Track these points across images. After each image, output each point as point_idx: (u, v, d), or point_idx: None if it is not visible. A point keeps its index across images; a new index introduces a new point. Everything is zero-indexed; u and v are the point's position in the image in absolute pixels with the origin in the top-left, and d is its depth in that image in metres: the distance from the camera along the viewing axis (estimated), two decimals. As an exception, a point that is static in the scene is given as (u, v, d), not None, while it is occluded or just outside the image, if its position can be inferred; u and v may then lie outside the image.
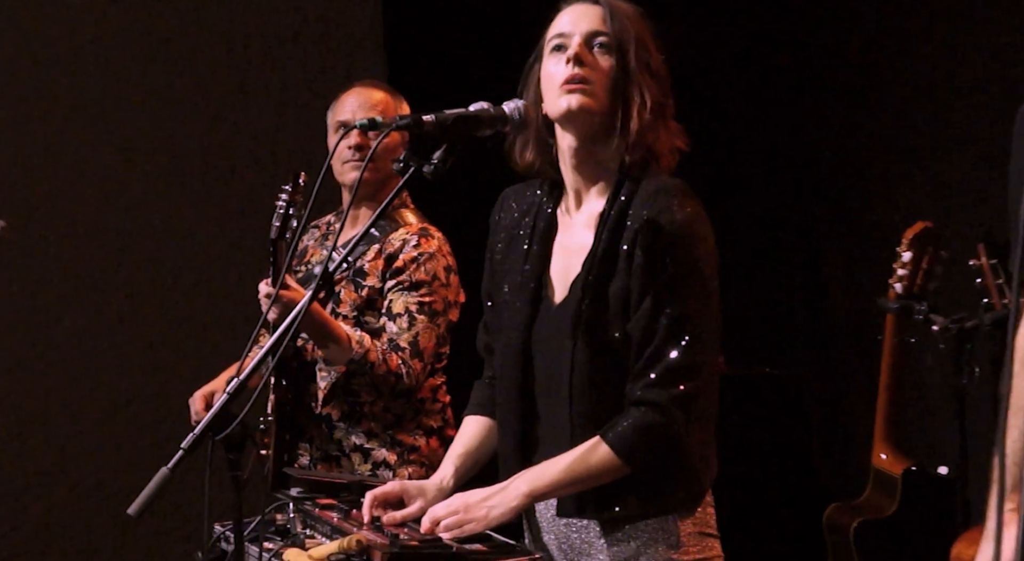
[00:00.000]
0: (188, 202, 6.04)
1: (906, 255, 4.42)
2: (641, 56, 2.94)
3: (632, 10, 3.01)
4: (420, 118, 2.86)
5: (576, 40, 2.95)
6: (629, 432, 2.88)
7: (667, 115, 2.99)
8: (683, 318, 2.88)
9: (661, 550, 2.95)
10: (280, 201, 3.88)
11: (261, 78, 6.24)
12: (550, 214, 3.10)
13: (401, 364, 3.86)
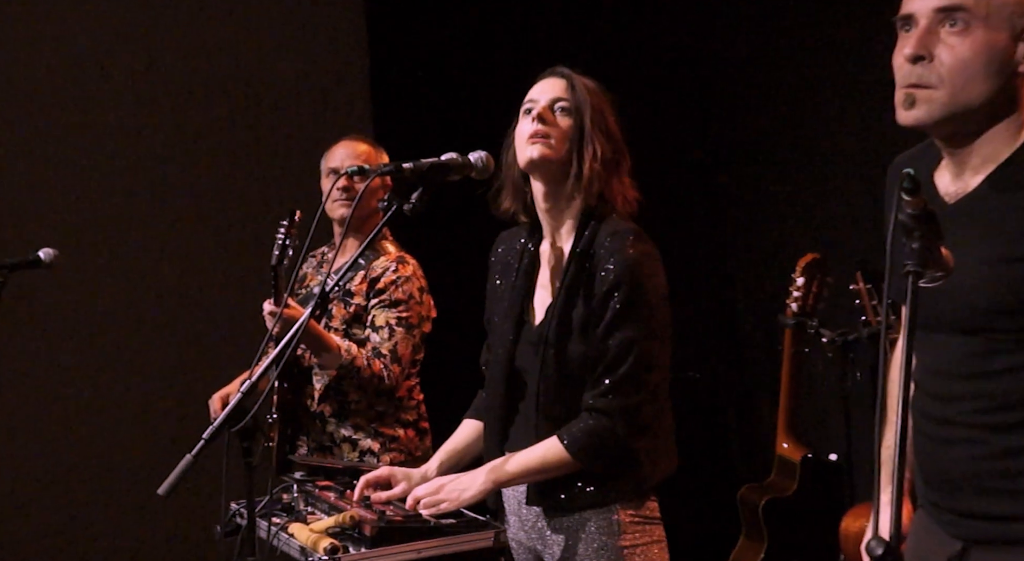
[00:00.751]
0: (208, 237, 6.08)
1: (799, 280, 4.47)
2: (595, 119, 2.97)
3: (592, 84, 3.05)
4: (400, 165, 2.89)
5: (542, 104, 2.99)
6: (581, 434, 2.90)
7: (619, 169, 3.02)
8: (630, 341, 2.90)
9: (603, 536, 2.96)
10: (279, 234, 3.89)
11: (270, 130, 6.25)
12: (532, 252, 3.13)
13: (383, 368, 3.87)
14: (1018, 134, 2.26)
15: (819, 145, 5.09)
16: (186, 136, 6.08)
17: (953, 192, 2.33)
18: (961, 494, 2.33)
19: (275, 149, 6.24)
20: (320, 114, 6.28)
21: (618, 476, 2.97)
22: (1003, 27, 2.21)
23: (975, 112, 2.24)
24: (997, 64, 2.21)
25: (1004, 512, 2.26)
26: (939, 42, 2.24)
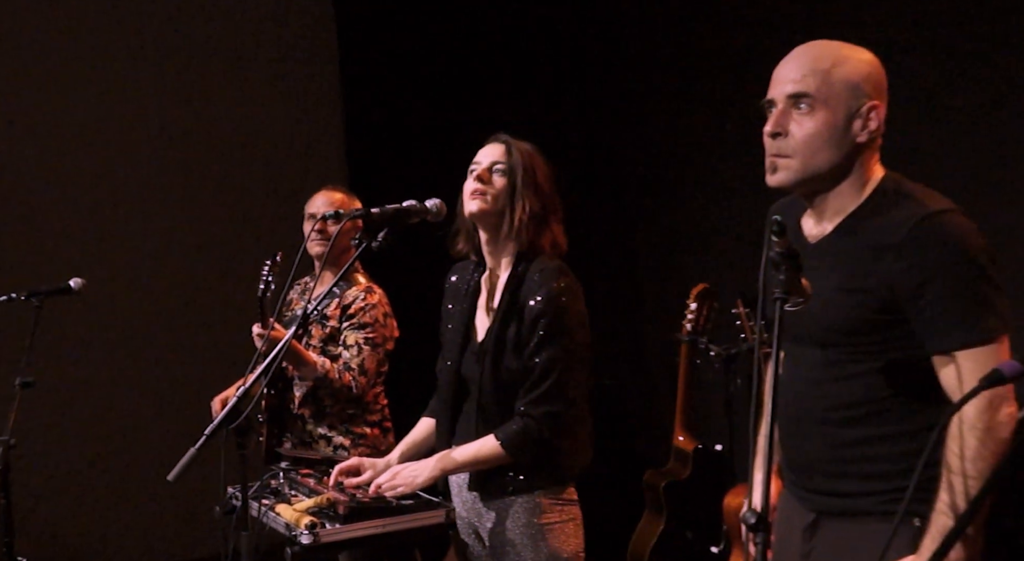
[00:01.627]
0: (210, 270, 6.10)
1: (693, 305, 4.49)
2: (526, 179, 2.98)
3: (529, 147, 3.05)
4: (369, 210, 2.91)
5: (483, 165, 3.01)
6: (513, 434, 2.92)
7: (548, 219, 3.02)
8: (554, 359, 2.92)
9: (528, 515, 2.97)
10: (264, 271, 3.89)
11: (262, 181, 6.27)
12: (477, 282, 3.15)
13: (351, 380, 3.86)
14: (862, 191, 2.30)
15: (712, 193, 5.12)
16: (191, 187, 6.09)
17: (814, 234, 2.37)
18: (813, 475, 2.36)
19: (265, 196, 6.25)
20: (302, 167, 6.29)
21: (542, 467, 2.98)
22: (841, 108, 2.25)
23: (823, 175, 2.29)
24: (838, 138, 2.26)
25: (846, 490, 2.30)
26: (792, 121, 2.29)
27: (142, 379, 5.91)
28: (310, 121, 6.39)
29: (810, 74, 2.27)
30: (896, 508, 2.06)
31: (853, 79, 2.26)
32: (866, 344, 2.24)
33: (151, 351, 5.93)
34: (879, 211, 2.26)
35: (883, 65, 2.31)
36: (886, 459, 2.24)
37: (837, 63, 2.27)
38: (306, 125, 6.38)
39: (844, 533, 2.31)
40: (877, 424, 2.25)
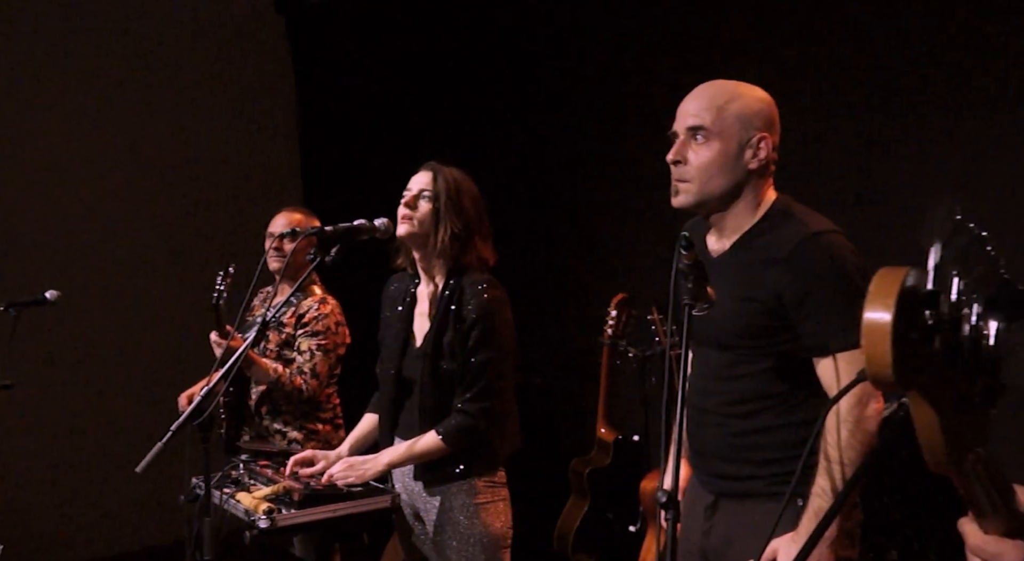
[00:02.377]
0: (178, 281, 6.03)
1: (613, 312, 4.51)
2: (449, 204, 3.00)
3: (454, 174, 3.07)
4: (323, 228, 2.93)
5: (412, 192, 3.04)
6: (452, 429, 2.97)
7: (472, 239, 3.04)
8: (486, 361, 2.97)
9: (464, 496, 3.02)
10: (217, 281, 3.88)
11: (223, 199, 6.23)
12: (414, 292, 3.17)
13: (303, 383, 3.83)
14: (756, 211, 2.36)
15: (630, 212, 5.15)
16: (159, 205, 6.05)
17: (716, 249, 2.42)
18: (713, 461, 2.42)
19: (227, 215, 6.23)
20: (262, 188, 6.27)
21: (478, 456, 3.03)
22: (733, 140, 2.32)
23: (718, 198, 2.35)
24: (730, 165, 2.32)
25: (741, 474, 2.36)
26: (690, 150, 2.35)
27: (111, 380, 5.85)
28: (269, 146, 6.38)
29: (706, 109, 2.33)
30: (783, 490, 2.13)
31: (745, 114, 2.32)
32: (758, 346, 2.30)
33: (119, 354, 5.88)
34: (770, 230, 2.32)
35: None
36: (774, 447, 2.30)
37: (731, 100, 2.34)
38: (266, 149, 6.37)
39: (739, 512, 2.37)
40: (767, 417, 2.31)
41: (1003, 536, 0.93)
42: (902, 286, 0.78)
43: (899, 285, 0.77)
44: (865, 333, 0.77)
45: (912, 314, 0.77)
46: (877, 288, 0.78)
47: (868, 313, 0.77)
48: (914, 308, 0.77)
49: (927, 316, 0.77)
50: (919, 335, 0.77)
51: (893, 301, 0.77)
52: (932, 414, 0.81)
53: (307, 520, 2.97)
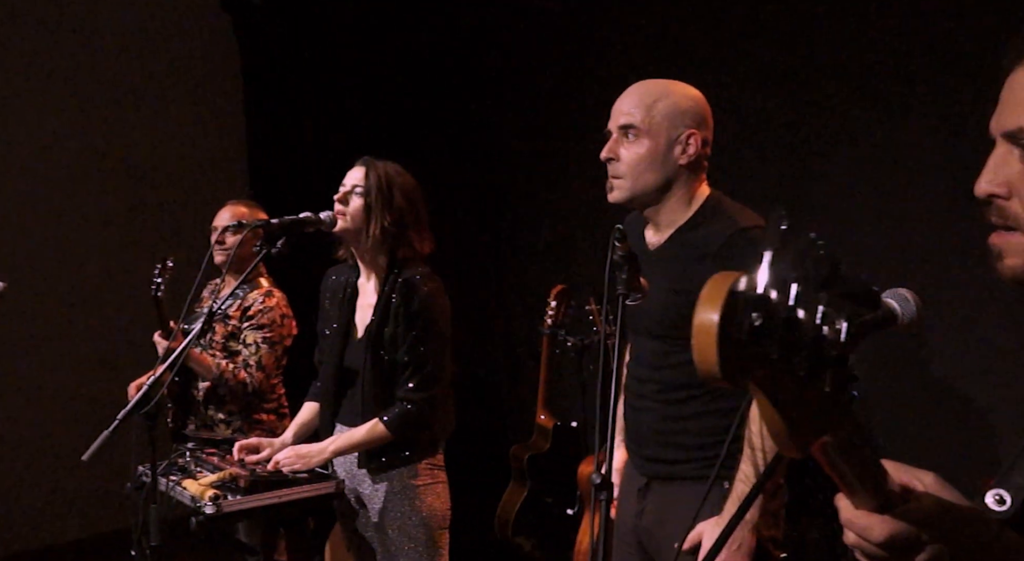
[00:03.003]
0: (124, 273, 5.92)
1: (553, 303, 4.52)
2: (380, 199, 3.01)
3: (387, 169, 3.07)
4: (268, 221, 2.94)
5: (346, 188, 3.06)
6: (396, 417, 2.99)
7: (405, 233, 3.04)
8: (427, 352, 3.00)
9: (405, 479, 3.04)
10: (156, 274, 3.86)
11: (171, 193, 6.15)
12: (354, 284, 3.18)
13: (247, 376, 3.80)
14: (689, 207, 2.40)
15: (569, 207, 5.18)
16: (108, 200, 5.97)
17: (654, 242, 2.46)
18: (646, 445, 2.46)
19: (174, 208, 6.14)
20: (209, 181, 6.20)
21: (420, 441, 3.06)
22: (662, 137, 2.36)
23: (651, 193, 2.39)
24: (660, 161, 2.36)
25: (672, 458, 2.40)
26: (623, 148, 2.38)
27: (58, 368, 5.76)
28: (216, 140, 6.31)
29: (636, 108, 2.37)
30: (707, 473, 2.17)
31: (674, 111, 2.36)
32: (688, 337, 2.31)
33: (66, 343, 5.80)
34: (702, 225, 2.36)
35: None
36: (703, 433, 2.34)
37: (660, 98, 2.37)
38: (212, 143, 6.30)
39: (669, 494, 2.41)
40: (696, 404, 2.35)
41: (873, 511, 0.97)
42: (731, 290, 0.81)
43: (727, 289, 0.81)
44: (694, 334, 0.81)
45: (740, 316, 0.81)
46: (707, 292, 0.82)
47: (697, 315, 0.81)
48: (742, 311, 0.81)
49: (754, 318, 0.80)
50: (748, 335, 0.81)
51: (720, 304, 0.80)
52: (771, 406, 0.85)
53: (253, 506, 2.97)
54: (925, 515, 0.97)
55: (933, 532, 0.97)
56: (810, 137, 3.94)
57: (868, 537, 0.98)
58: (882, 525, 0.97)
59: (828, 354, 0.84)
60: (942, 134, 3.37)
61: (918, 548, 0.97)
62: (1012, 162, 1.16)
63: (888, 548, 0.97)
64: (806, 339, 0.83)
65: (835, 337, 0.84)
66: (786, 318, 0.82)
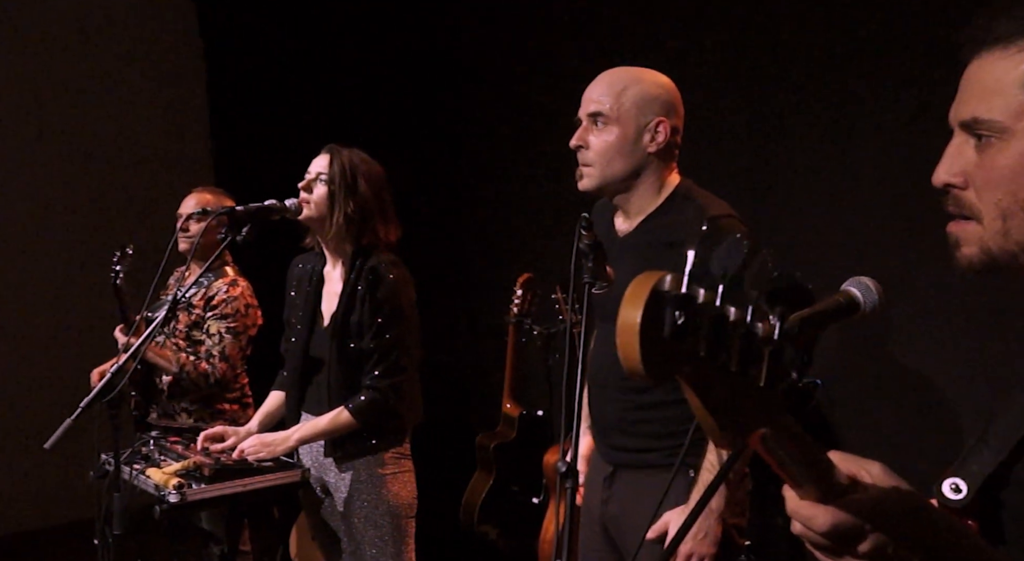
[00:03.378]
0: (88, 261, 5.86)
1: (519, 291, 4.51)
2: (344, 187, 2.99)
3: (352, 156, 3.05)
4: (234, 208, 2.92)
5: (310, 176, 3.04)
6: (362, 405, 2.98)
7: (370, 221, 3.02)
8: (393, 340, 2.99)
9: (372, 467, 3.04)
10: (114, 261, 3.80)
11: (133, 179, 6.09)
12: (320, 272, 3.17)
13: (208, 367, 3.75)
14: (658, 194, 2.41)
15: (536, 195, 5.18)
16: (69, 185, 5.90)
17: (623, 230, 2.47)
18: (612, 433, 2.48)
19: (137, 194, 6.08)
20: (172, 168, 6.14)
21: (386, 429, 3.05)
22: (631, 124, 2.36)
23: (620, 180, 2.39)
24: (629, 149, 2.37)
25: (637, 446, 2.42)
26: (591, 135, 2.39)
27: (22, 357, 5.71)
28: (181, 127, 6.24)
29: (605, 96, 2.37)
30: (673, 461, 2.19)
31: (642, 99, 2.37)
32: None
33: (28, 331, 5.74)
34: (671, 213, 2.37)
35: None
36: (668, 421, 2.35)
37: (629, 85, 2.38)
38: (177, 130, 6.23)
39: (635, 482, 2.43)
40: (661, 392, 2.36)
41: (817, 501, 0.99)
42: (653, 290, 0.84)
43: (650, 289, 0.84)
44: (618, 333, 0.84)
45: (663, 315, 0.84)
46: (631, 291, 0.85)
47: (620, 314, 0.84)
48: (664, 309, 0.84)
49: (676, 316, 0.83)
50: (671, 333, 0.83)
51: (643, 303, 0.83)
52: (699, 401, 0.88)
53: (217, 494, 2.97)
54: (869, 505, 0.99)
55: (876, 522, 0.99)
56: (772, 126, 3.96)
57: (812, 527, 1.00)
58: (826, 515, 0.99)
59: (760, 349, 0.87)
60: (905, 122, 3.39)
61: (862, 537, 0.99)
62: (967, 151, 1.18)
63: (832, 537, 0.99)
64: (736, 335, 0.86)
65: (768, 333, 0.87)
66: (714, 315, 0.85)
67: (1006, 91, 1.14)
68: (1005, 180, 1.14)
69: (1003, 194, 1.14)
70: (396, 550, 3.05)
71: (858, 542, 1.00)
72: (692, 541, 2.22)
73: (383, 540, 3.03)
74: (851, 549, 1.00)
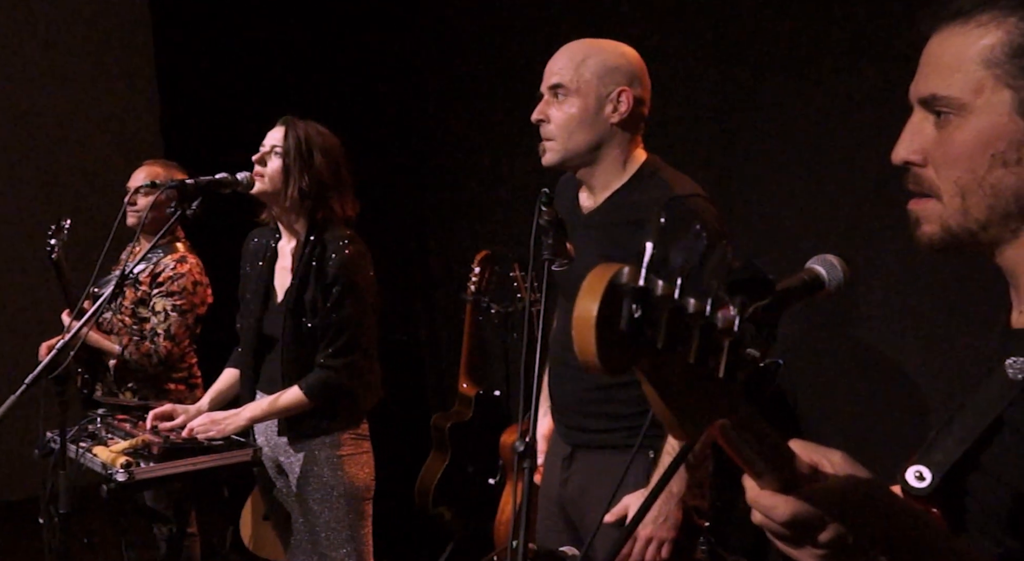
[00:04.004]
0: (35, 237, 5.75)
1: (476, 269, 4.48)
2: (298, 161, 2.94)
3: (308, 129, 3.00)
4: (184, 181, 2.87)
5: (264, 149, 3.00)
6: (316, 383, 2.95)
7: (325, 194, 2.98)
8: (348, 317, 2.95)
9: (328, 448, 3.01)
10: (49, 235, 3.71)
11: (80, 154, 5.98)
12: (275, 247, 3.12)
13: (152, 347, 3.68)
14: (623, 170, 2.38)
15: (494, 171, 5.16)
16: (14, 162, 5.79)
17: (587, 206, 2.44)
18: (571, 414, 2.46)
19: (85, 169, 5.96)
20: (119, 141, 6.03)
21: (342, 409, 3.02)
22: (591, 95, 2.33)
23: (583, 153, 2.36)
24: (590, 120, 2.33)
25: (597, 427, 2.40)
26: (552, 108, 2.36)
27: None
28: (128, 97, 6.13)
29: (565, 68, 2.35)
30: (632, 442, 2.18)
31: (603, 69, 2.34)
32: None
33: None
34: (637, 190, 2.35)
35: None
36: (627, 403, 2.33)
37: (589, 56, 2.35)
38: (124, 101, 6.12)
39: (594, 463, 2.42)
40: None
41: (777, 491, 1.00)
42: (611, 282, 0.84)
43: (607, 282, 0.84)
44: (574, 326, 0.84)
45: (619, 308, 0.84)
46: (588, 283, 0.85)
47: (576, 307, 0.84)
48: (621, 302, 0.84)
49: (633, 309, 0.83)
50: (627, 326, 0.83)
51: (599, 296, 0.83)
52: (656, 393, 0.89)
53: (166, 473, 2.93)
54: (829, 495, 1.00)
55: (836, 512, 1.00)
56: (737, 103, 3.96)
57: (772, 517, 1.00)
58: (786, 505, 0.99)
59: (719, 341, 0.87)
60: (869, 100, 3.40)
61: (822, 527, 1.00)
62: (927, 128, 1.18)
63: (792, 527, 1.00)
64: (694, 327, 0.86)
65: (728, 325, 0.87)
66: (672, 308, 0.85)
67: (965, 67, 1.14)
68: (963, 157, 1.14)
69: (962, 171, 1.14)
70: (352, 533, 3.03)
71: (818, 532, 1.00)
72: (652, 525, 2.21)
73: (338, 522, 3.01)
74: (811, 539, 1.01)
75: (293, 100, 3.32)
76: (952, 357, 3.11)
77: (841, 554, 1.01)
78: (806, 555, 1.03)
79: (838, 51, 3.55)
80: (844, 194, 3.53)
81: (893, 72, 3.30)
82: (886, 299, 3.38)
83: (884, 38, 3.35)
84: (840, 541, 1.00)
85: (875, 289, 3.38)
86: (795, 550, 1.03)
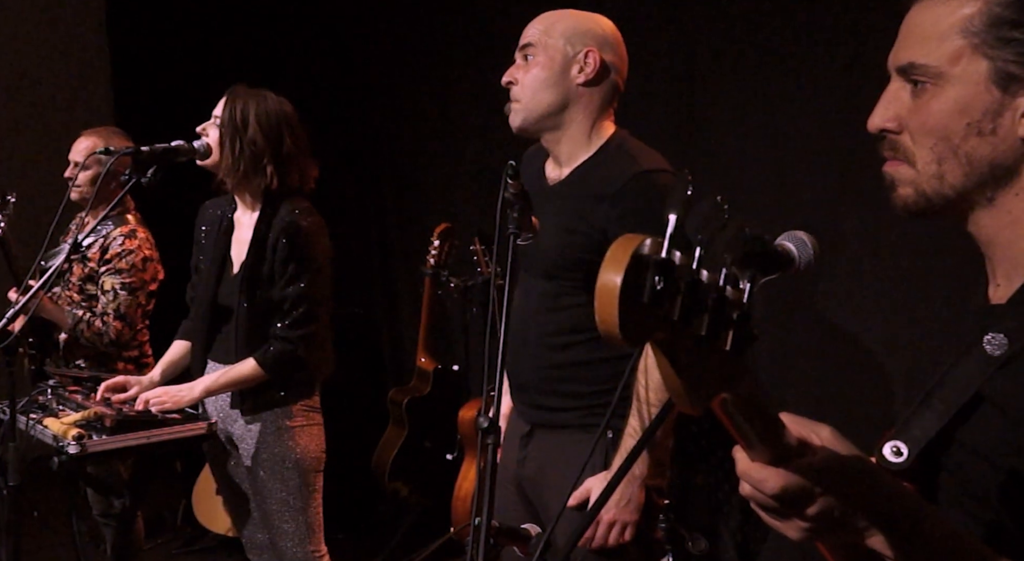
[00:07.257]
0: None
1: (436, 242, 4.47)
2: (230, 129, 2.96)
3: (246, 98, 3.00)
4: (139, 148, 2.82)
5: (210, 121, 3.01)
6: (271, 356, 2.96)
7: (261, 165, 2.97)
8: (304, 290, 2.96)
9: (280, 420, 3.03)
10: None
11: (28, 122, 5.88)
12: (230, 218, 3.11)
13: (103, 326, 3.63)
14: (590, 143, 2.38)
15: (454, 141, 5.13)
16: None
17: (553, 178, 2.43)
18: (530, 392, 2.46)
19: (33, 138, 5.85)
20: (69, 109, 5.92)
21: (295, 381, 3.04)
22: (558, 54, 2.34)
23: (548, 116, 2.36)
24: (555, 79, 2.33)
25: (555, 405, 2.41)
26: (520, 70, 2.37)
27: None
28: (77, 63, 6.00)
29: (537, 31, 2.36)
30: (595, 421, 2.21)
31: (572, 31, 2.35)
32: (579, 280, 2.33)
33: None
34: (603, 163, 2.34)
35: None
36: (587, 381, 2.35)
37: (560, 19, 2.38)
38: (74, 67, 6.00)
39: (552, 442, 2.42)
40: (581, 350, 2.35)
41: (768, 464, 1.02)
42: (635, 253, 0.85)
43: (631, 252, 0.85)
44: (596, 296, 0.85)
45: (643, 279, 0.85)
46: (612, 253, 0.86)
47: (600, 277, 0.85)
48: (645, 274, 0.85)
49: (656, 281, 0.84)
50: (650, 298, 0.85)
51: (623, 267, 0.84)
52: (670, 366, 0.90)
53: (119, 446, 2.92)
54: (818, 469, 1.02)
55: (825, 485, 1.02)
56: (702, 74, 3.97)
57: (762, 489, 1.02)
58: (776, 478, 1.01)
59: (730, 315, 0.89)
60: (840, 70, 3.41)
61: (811, 500, 1.02)
62: (903, 97, 1.20)
63: (781, 500, 1.02)
64: (708, 301, 0.87)
65: (739, 298, 0.88)
66: (689, 281, 0.86)
67: (943, 36, 1.16)
68: (939, 126, 1.17)
69: (937, 139, 1.17)
70: (303, 504, 3.04)
71: (807, 505, 1.02)
72: (615, 508, 2.23)
73: (290, 494, 3.02)
74: (799, 511, 1.03)
75: (249, 70, 3.29)
76: (914, 332, 3.14)
77: (828, 527, 1.04)
78: (793, 528, 1.04)
79: (802, 24, 3.57)
80: (807, 170, 3.55)
81: (861, 43, 3.33)
82: (848, 274, 3.41)
83: (851, 10, 3.37)
84: (828, 514, 1.02)
85: (837, 264, 3.41)
86: (782, 523, 1.05)
